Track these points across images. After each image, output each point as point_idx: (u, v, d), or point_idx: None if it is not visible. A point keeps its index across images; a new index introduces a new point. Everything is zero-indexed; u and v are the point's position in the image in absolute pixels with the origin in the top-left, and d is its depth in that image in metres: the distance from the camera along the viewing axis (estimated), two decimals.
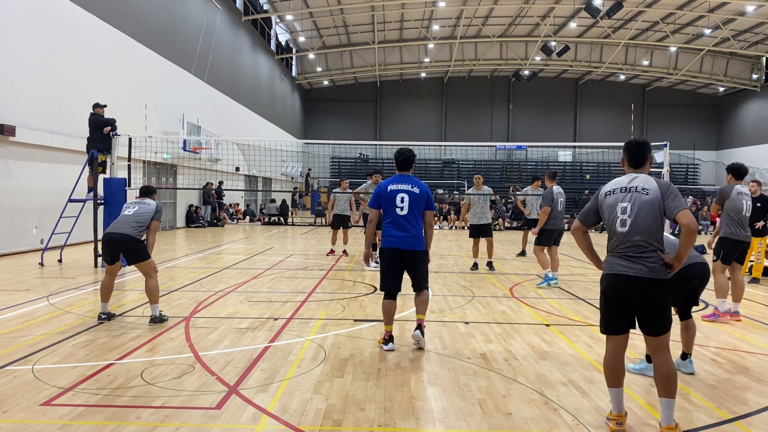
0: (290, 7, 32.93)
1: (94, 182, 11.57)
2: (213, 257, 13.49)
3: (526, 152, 46.77)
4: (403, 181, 5.76)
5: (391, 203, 5.68)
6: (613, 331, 3.95)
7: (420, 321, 5.81)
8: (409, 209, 5.64)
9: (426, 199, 5.74)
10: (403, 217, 5.65)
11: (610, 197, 3.97)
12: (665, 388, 3.77)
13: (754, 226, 10.22)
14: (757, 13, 31.89)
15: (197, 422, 3.94)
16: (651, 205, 3.82)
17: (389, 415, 4.13)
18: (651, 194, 3.84)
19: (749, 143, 42.55)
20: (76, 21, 15.31)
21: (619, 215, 3.87)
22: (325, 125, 46.68)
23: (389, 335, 5.77)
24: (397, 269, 5.74)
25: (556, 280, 9.84)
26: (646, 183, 3.89)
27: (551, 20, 35.30)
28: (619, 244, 3.87)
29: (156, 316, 6.62)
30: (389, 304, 5.77)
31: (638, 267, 3.77)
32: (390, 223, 5.71)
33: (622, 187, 3.94)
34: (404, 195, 5.65)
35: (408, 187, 5.69)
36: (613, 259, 3.89)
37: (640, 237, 3.80)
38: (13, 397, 4.37)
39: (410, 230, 5.65)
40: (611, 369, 3.94)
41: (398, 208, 5.64)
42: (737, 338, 6.54)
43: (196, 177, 23.46)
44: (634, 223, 3.82)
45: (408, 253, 5.66)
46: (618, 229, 3.88)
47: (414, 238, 5.66)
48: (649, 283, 3.76)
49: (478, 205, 11.76)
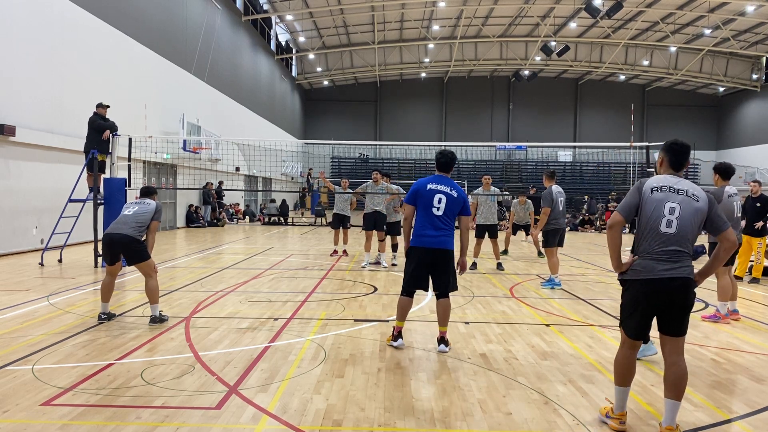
0: (290, 7, 32.94)
1: (95, 182, 11.57)
2: (213, 257, 13.49)
3: (526, 152, 46.82)
4: (442, 182, 5.77)
5: (428, 202, 5.68)
6: (642, 337, 3.92)
7: (443, 333, 5.77)
8: (445, 212, 5.66)
9: (462, 203, 5.75)
10: (438, 217, 5.66)
11: (658, 194, 3.82)
12: (674, 391, 3.75)
13: (753, 226, 10.26)
14: (757, 13, 31.90)
15: (197, 422, 3.94)
16: (698, 213, 3.78)
17: (389, 415, 4.13)
18: (701, 203, 3.80)
19: (749, 143, 42.58)
20: (76, 21, 15.31)
21: (666, 215, 3.76)
22: (325, 125, 46.69)
23: (399, 331, 5.80)
24: (426, 269, 5.71)
25: (560, 285, 9.81)
26: (696, 190, 3.84)
27: (551, 20, 35.31)
28: (661, 245, 3.75)
29: (156, 316, 6.62)
30: (407, 301, 5.79)
31: (680, 268, 3.73)
32: (423, 222, 5.70)
33: (671, 187, 3.82)
34: (442, 196, 5.67)
35: (447, 189, 5.71)
36: (652, 262, 3.75)
37: (683, 240, 3.76)
38: (13, 397, 4.37)
39: (443, 230, 5.67)
40: (627, 369, 3.92)
41: (435, 208, 5.65)
42: (737, 338, 6.54)
43: (196, 177, 23.46)
44: (680, 226, 3.75)
45: (440, 252, 5.65)
46: (663, 229, 3.76)
47: (446, 236, 5.68)
48: (690, 283, 3.75)
49: (485, 205, 11.77)
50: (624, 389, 3.94)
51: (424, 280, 5.77)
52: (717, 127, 47.41)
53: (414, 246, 5.74)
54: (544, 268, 11.02)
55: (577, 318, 7.38)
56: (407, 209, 5.89)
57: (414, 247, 5.75)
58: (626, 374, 3.92)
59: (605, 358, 5.56)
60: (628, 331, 3.92)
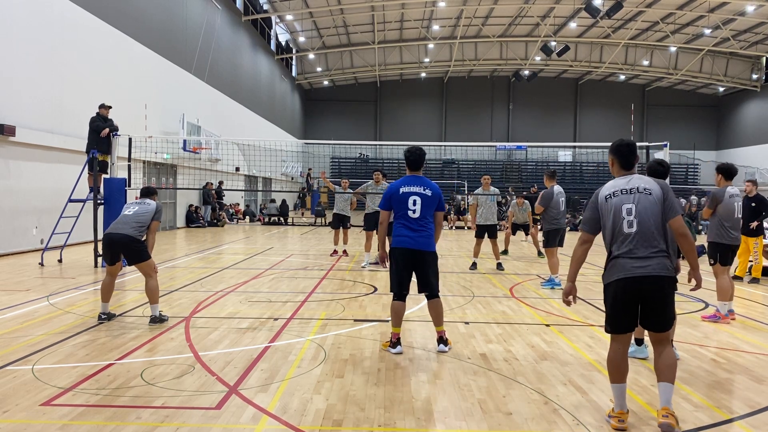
0: (290, 7, 32.94)
1: (95, 182, 11.57)
2: (213, 257, 13.49)
3: (526, 152, 46.80)
4: (414, 182, 5.68)
5: (402, 206, 5.62)
6: (622, 331, 4.04)
7: (441, 333, 5.76)
8: (421, 212, 5.59)
9: (437, 200, 5.69)
10: (415, 219, 5.59)
11: (612, 200, 4.01)
12: (667, 374, 3.92)
13: (748, 226, 10.21)
14: (757, 13, 31.90)
15: (197, 422, 3.94)
16: (656, 204, 3.94)
17: (389, 415, 4.13)
18: (654, 194, 3.96)
19: (749, 143, 42.57)
20: (76, 21, 15.31)
21: (625, 217, 3.93)
22: (325, 125, 46.67)
23: (397, 338, 5.64)
24: (408, 269, 5.67)
25: (560, 285, 9.81)
26: (647, 183, 4.01)
27: (551, 20, 35.31)
28: (628, 245, 3.92)
29: (156, 317, 6.62)
30: (399, 305, 5.67)
31: (650, 266, 3.86)
32: (401, 224, 5.66)
33: (623, 189, 4.01)
34: (416, 198, 5.59)
35: (420, 190, 5.63)
36: (623, 260, 3.93)
37: (649, 235, 3.89)
38: (13, 397, 4.36)
39: (422, 231, 5.60)
40: (618, 365, 4.01)
41: (410, 211, 5.58)
42: (737, 338, 6.54)
43: (196, 177, 23.46)
44: (641, 222, 3.90)
45: (419, 253, 5.59)
46: (626, 231, 3.93)
47: (425, 238, 5.61)
48: (662, 280, 3.87)
49: (485, 206, 11.77)
50: (619, 386, 3.98)
51: (407, 280, 5.71)
52: (717, 127, 47.42)
53: (394, 247, 5.70)
54: (544, 268, 11.02)
55: (577, 318, 7.38)
56: (383, 215, 5.83)
57: (394, 249, 5.70)
58: (618, 370, 4.00)
59: (605, 358, 5.54)
60: (610, 328, 4.10)
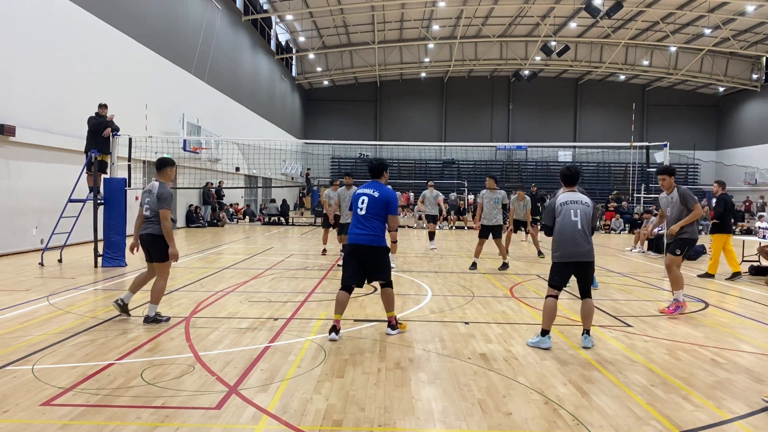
0: (290, 7, 32.94)
1: (95, 182, 11.57)
2: (213, 257, 13.49)
3: (526, 152, 46.79)
4: (369, 186, 6.43)
5: (355, 204, 6.39)
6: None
7: (390, 318, 6.37)
8: (367, 210, 6.25)
9: (384, 202, 6.26)
10: (363, 216, 6.27)
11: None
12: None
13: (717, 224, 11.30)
14: (757, 13, 31.90)
15: (197, 422, 3.94)
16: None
17: (389, 415, 4.13)
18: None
19: (749, 143, 42.56)
20: (76, 21, 15.31)
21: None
22: (325, 125, 46.68)
23: (333, 325, 6.11)
24: (356, 262, 6.24)
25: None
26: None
27: (551, 20, 35.31)
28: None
29: (150, 317, 6.64)
30: (343, 295, 6.21)
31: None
32: (353, 222, 6.38)
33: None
34: (365, 197, 6.32)
35: (370, 192, 6.34)
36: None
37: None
38: (13, 397, 4.36)
39: (366, 228, 6.23)
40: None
41: (358, 209, 6.31)
42: (737, 338, 6.55)
43: (196, 177, 23.44)
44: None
45: (365, 248, 6.20)
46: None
47: (369, 235, 6.21)
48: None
49: (488, 206, 11.75)
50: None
51: (357, 275, 6.23)
52: (717, 127, 47.40)
53: (346, 243, 6.47)
54: (544, 268, 11.01)
55: (577, 318, 7.36)
56: (350, 214, 6.78)
57: (346, 244, 6.50)
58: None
59: (605, 358, 5.56)
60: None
